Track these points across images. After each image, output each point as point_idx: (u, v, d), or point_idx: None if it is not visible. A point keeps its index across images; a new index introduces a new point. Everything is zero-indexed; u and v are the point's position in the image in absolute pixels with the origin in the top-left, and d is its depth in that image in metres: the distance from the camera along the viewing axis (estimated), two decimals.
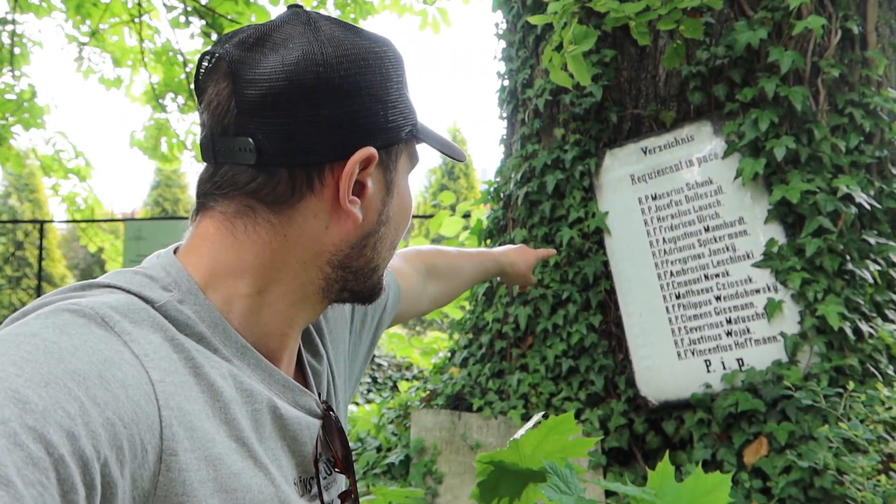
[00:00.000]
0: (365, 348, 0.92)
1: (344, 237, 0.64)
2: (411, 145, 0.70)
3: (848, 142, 2.71)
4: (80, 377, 0.45)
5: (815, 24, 2.56)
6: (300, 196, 0.61)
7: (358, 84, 0.61)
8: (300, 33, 0.61)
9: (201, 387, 0.54)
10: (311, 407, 0.67)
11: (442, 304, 1.19)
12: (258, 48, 0.60)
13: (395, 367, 6.56)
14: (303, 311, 0.66)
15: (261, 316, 0.63)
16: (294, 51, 0.59)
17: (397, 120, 0.65)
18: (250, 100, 0.58)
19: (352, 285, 0.67)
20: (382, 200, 0.66)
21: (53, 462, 0.40)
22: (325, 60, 0.59)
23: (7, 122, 5.81)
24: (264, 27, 0.62)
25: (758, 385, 2.52)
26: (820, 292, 2.49)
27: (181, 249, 0.64)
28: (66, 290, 0.57)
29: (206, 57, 0.62)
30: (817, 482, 2.22)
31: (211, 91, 0.61)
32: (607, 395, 2.95)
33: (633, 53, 3.09)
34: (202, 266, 0.61)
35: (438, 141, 0.72)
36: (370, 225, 0.65)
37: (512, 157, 3.50)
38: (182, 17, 5.43)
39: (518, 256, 1.29)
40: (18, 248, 10.77)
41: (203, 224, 0.63)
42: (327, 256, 0.64)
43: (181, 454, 0.50)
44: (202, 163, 0.66)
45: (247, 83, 0.58)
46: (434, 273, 1.12)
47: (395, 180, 0.68)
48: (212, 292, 0.60)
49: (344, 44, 0.61)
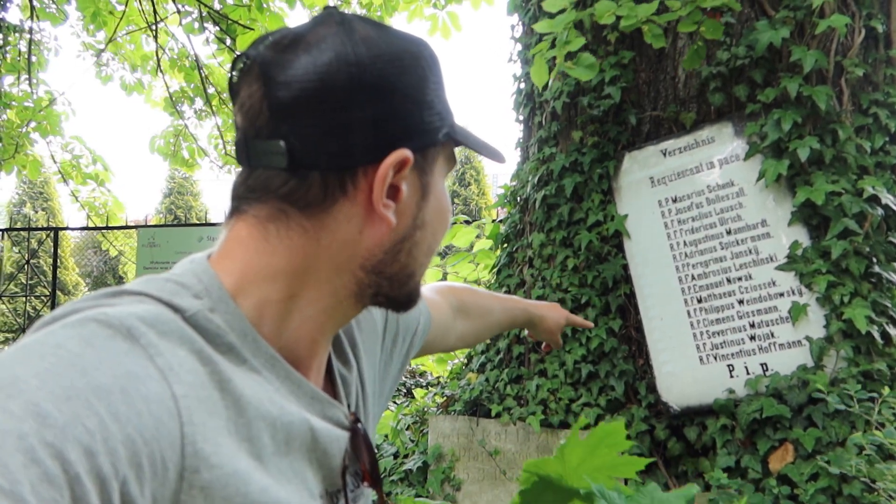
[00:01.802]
0: (395, 369, 0.90)
1: (378, 242, 0.62)
2: (448, 147, 0.68)
3: (873, 142, 2.67)
4: (103, 391, 0.44)
5: (838, 23, 2.52)
6: (333, 200, 0.59)
7: (392, 84, 0.59)
8: (334, 34, 0.59)
9: (226, 402, 0.53)
10: (340, 419, 0.66)
11: (469, 344, 1.17)
12: (290, 50, 0.59)
13: (409, 373, 6.54)
14: (334, 317, 0.65)
15: (291, 321, 0.62)
16: (327, 52, 0.58)
17: (433, 121, 0.63)
18: (282, 102, 0.57)
19: (386, 290, 0.65)
20: (418, 204, 0.64)
21: (69, 480, 0.39)
22: (359, 61, 0.58)
23: (27, 130, 5.86)
24: (298, 29, 0.61)
25: (782, 390, 2.47)
26: (846, 295, 2.44)
27: (215, 254, 0.63)
28: (97, 296, 0.56)
29: (240, 59, 0.61)
30: (846, 490, 2.16)
31: (244, 93, 0.60)
32: (628, 401, 2.90)
33: (652, 55, 3.06)
34: (234, 271, 0.60)
35: (476, 142, 0.71)
36: (405, 229, 0.64)
37: (529, 160, 3.48)
38: (196, 24, 5.47)
39: (549, 312, 1.27)
40: (32, 256, 10.88)
41: (236, 228, 0.62)
42: (360, 261, 0.62)
43: (203, 471, 0.49)
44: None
45: (279, 85, 0.57)
46: (464, 310, 1.11)
47: (431, 183, 0.66)
48: (243, 298, 0.59)
49: (378, 44, 0.60)
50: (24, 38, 5.71)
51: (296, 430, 0.59)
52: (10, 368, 0.43)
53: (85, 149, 6.34)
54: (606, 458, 0.82)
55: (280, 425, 0.57)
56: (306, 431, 0.60)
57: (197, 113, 6.20)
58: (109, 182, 6.51)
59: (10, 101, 5.87)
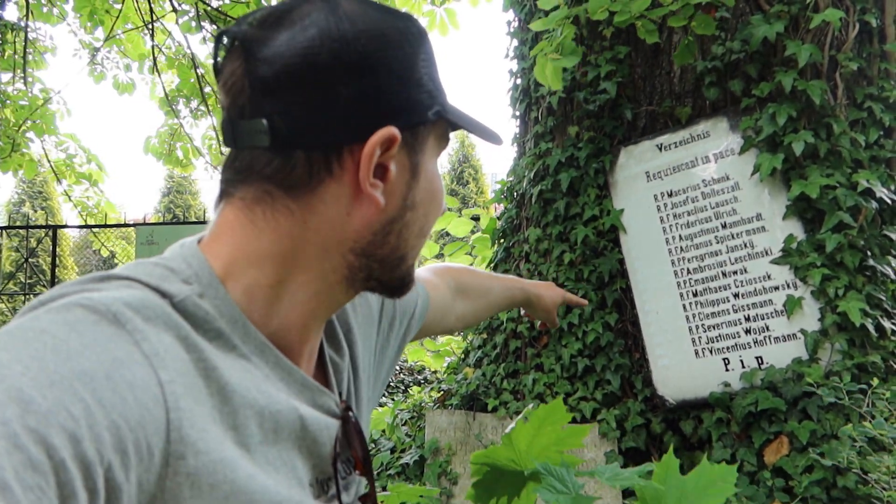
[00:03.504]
0: (392, 352, 0.89)
1: (366, 223, 0.60)
2: (440, 127, 0.66)
3: (868, 136, 2.68)
4: (87, 377, 0.43)
5: (832, 17, 2.53)
6: (319, 180, 0.58)
7: (378, 61, 0.58)
8: (318, 9, 0.58)
9: (210, 390, 0.52)
10: (330, 407, 0.65)
11: (469, 324, 1.16)
12: (273, 26, 0.57)
13: (407, 370, 6.54)
14: (325, 302, 0.64)
15: (281, 306, 0.60)
16: (310, 28, 0.56)
17: (422, 99, 0.61)
18: (264, 79, 0.56)
19: (378, 274, 0.64)
20: (407, 184, 0.63)
21: (53, 466, 0.39)
22: (343, 36, 0.56)
23: (23, 128, 5.85)
24: (283, 6, 0.59)
25: (778, 383, 2.48)
26: (841, 288, 2.45)
27: (205, 238, 0.62)
28: (83, 280, 0.54)
29: (222, 36, 0.60)
30: (840, 482, 2.17)
31: (227, 71, 0.58)
32: (624, 395, 2.91)
33: (647, 50, 3.06)
34: (223, 255, 0.59)
35: (469, 122, 0.68)
36: (394, 210, 0.62)
37: (525, 155, 3.48)
38: (193, 23, 5.46)
39: (546, 291, 1.26)
40: (31, 254, 10.85)
41: (224, 211, 0.61)
42: (350, 244, 0.61)
43: (189, 458, 0.48)
44: (217, 168, 0.63)
45: (260, 62, 0.56)
46: (463, 291, 1.10)
47: (421, 163, 0.64)
48: (232, 283, 0.58)
49: (363, 19, 0.58)
50: (20, 37, 5.70)
51: (284, 419, 0.58)
52: None
53: (79, 148, 6.32)
54: (552, 435, 0.85)
55: (268, 414, 0.56)
56: (296, 420, 0.59)
57: (193, 112, 6.19)
58: (103, 182, 6.48)
59: (6, 99, 5.86)
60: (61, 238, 15.06)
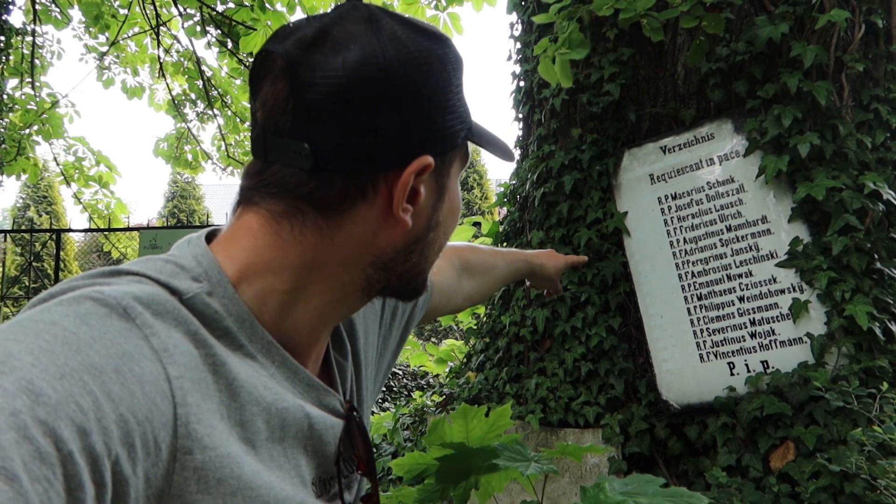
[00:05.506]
0: (395, 343, 0.90)
1: (391, 242, 0.62)
2: (464, 146, 0.68)
3: (874, 138, 2.65)
4: (97, 370, 0.44)
5: (838, 18, 2.51)
6: (351, 203, 0.59)
7: (419, 91, 0.59)
8: (362, 33, 0.58)
9: (219, 385, 0.53)
10: (335, 407, 0.66)
11: (475, 302, 1.18)
12: (317, 48, 0.58)
13: (410, 375, 6.52)
14: (339, 308, 0.65)
15: (295, 311, 0.61)
16: (355, 52, 0.57)
17: (454, 125, 0.63)
18: (309, 103, 0.57)
19: (395, 285, 0.66)
20: (434, 206, 0.65)
21: (61, 458, 0.39)
22: (388, 65, 0.57)
23: (29, 132, 5.87)
24: (323, 23, 0.59)
25: (784, 388, 2.44)
26: (847, 292, 2.42)
27: (218, 238, 0.63)
28: (93, 274, 0.55)
29: (262, 54, 0.60)
30: (847, 488, 2.14)
31: (267, 90, 0.59)
32: (628, 400, 2.88)
33: (651, 51, 3.04)
34: (239, 259, 0.60)
35: (491, 141, 0.70)
36: (419, 231, 0.64)
37: (528, 158, 3.47)
38: (198, 27, 5.47)
39: (548, 259, 1.29)
40: (36, 258, 10.87)
41: (246, 217, 0.61)
42: (371, 259, 0.63)
43: (196, 452, 0.49)
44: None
45: (306, 86, 0.57)
46: (468, 269, 1.12)
47: (447, 185, 0.66)
48: (246, 286, 0.59)
49: (407, 46, 0.59)
50: (27, 42, 5.72)
51: (291, 417, 0.58)
52: (3, 345, 0.43)
53: (88, 151, 6.34)
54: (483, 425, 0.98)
55: (275, 411, 0.57)
56: (302, 419, 0.60)
57: (199, 115, 6.21)
58: (115, 183, 6.51)
59: (14, 104, 5.89)
60: (66, 242, 15.10)
